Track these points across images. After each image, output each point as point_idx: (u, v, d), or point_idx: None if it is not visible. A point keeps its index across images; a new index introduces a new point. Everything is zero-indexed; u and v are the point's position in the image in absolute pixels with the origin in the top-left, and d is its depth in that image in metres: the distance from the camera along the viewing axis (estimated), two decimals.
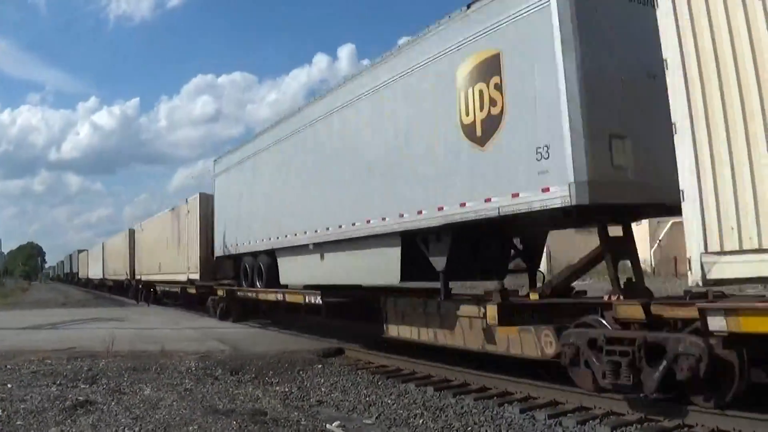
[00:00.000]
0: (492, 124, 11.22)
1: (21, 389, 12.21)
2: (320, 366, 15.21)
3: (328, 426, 9.92)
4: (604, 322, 10.15)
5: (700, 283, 7.95)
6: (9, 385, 12.50)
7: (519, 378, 12.01)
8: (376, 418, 10.67)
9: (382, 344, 16.45)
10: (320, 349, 17.24)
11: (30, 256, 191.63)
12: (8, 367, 14.32)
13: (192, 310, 32.90)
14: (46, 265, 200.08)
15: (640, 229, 52.86)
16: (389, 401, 11.74)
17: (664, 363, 8.91)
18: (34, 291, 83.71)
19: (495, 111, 11.17)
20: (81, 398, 11.38)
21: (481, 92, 11.46)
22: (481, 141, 11.48)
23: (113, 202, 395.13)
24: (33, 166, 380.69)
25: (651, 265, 50.75)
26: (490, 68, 11.26)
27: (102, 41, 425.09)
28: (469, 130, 11.77)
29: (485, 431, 9.61)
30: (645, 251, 51.34)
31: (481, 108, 11.46)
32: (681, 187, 8.13)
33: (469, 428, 9.77)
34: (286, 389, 12.93)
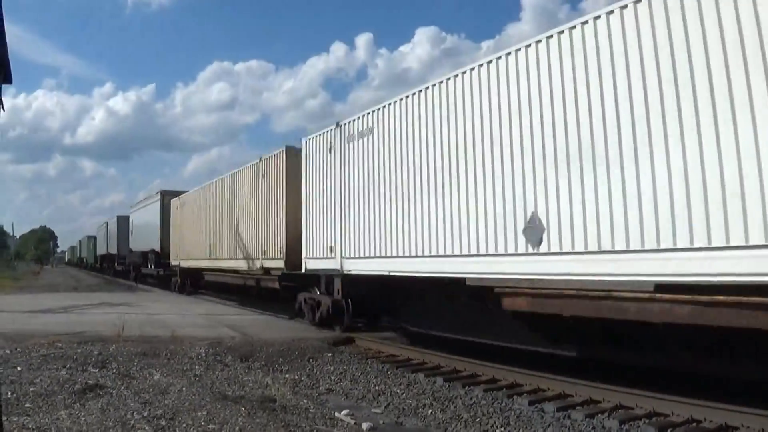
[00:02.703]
0: None
1: (31, 372, 12.23)
2: (330, 354, 15.25)
3: (336, 414, 9.92)
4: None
5: None
6: (19, 368, 12.53)
7: (528, 370, 12.00)
8: (385, 407, 10.68)
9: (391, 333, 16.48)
10: (330, 337, 17.27)
11: (42, 240, 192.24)
12: (18, 350, 14.35)
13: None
14: (58, 250, 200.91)
15: None
16: (398, 391, 11.77)
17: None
18: (46, 275, 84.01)
19: None
20: (90, 382, 11.42)
21: None
22: None
23: (127, 188, 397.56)
24: (47, 151, 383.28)
25: None
26: None
27: (119, 27, 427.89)
28: None
29: (494, 422, 9.58)
30: None
31: None
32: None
33: (478, 419, 9.76)
34: (296, 377, 12.95)
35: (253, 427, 8.92)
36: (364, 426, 9.34)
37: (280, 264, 21.69)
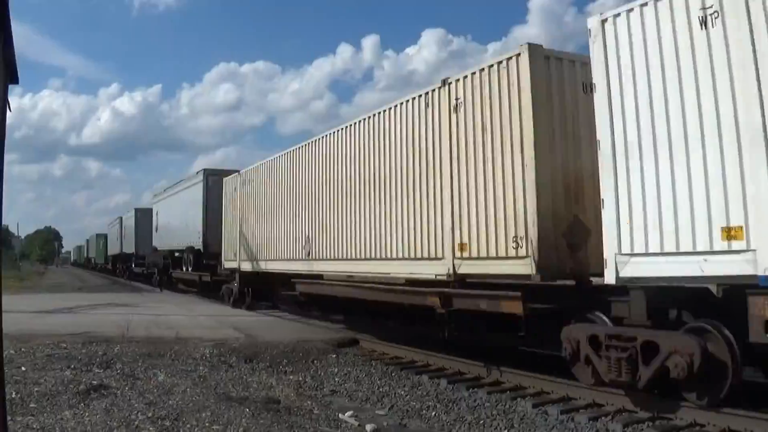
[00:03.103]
0: None
1: (35, 372, 12.26)
2: (334, 356, 15.25)
3: (340, 416, 9.94)
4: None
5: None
6: (23, 368, 12.56)
7: (532, 373, 11.99)
8: (389, 408, 10.70)
9: (396, 336, 16.48)
10: (335, 339, 17.28)
11: (47, 240, 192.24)
12: (23, 350, 14.36)
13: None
14: (63, 250, 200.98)
15: None
16: (402, 392, 11.78)
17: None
18: (51, 275, 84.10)
19: None
20: (95, 382, 11.44)
21: None
22: None
23: (132, 188, 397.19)
24: (52, 151, 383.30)
25: None
26: None
27: (125, 28, 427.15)
28: None
29: (497, 425, 9.58)
30: None
31: None
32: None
33: (482, 421, 9.76)
34: (300, 378, 12.97)
35: (257, 428, 8.94)
36: (368, 427, 9.36)
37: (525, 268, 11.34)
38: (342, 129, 17.96)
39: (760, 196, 7.88)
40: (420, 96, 14.46)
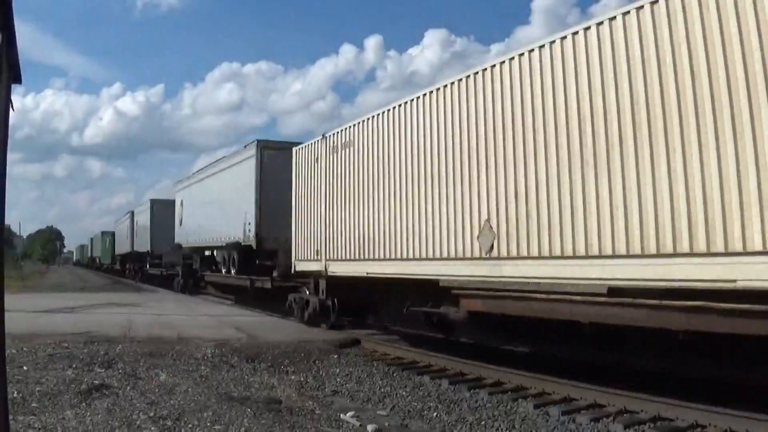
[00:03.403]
0: None
1: (37, 372, 12.25)
2: (336, 356, 15.26)
3: (342, 416, 9.94)
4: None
5: None
6: (25, 368, 12.55)
7: (534, 373, 11.99)
8: (391, 409, 10.71)
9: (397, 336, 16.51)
10: (336, 339, 17.28)
11: (49, 240, 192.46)
12: (25, 349, 14.35)
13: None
14: (65, 250, 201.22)
15: None
16: (404, 393, 11.79)
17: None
18: (52, 274, 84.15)
19: None
20: (97, 382, 11.44)
21: None
22: None
23: (134, 188, 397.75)
24: (55, 151, 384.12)
25: None
26: None
27: (128, 28, 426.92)
28: None
29: (499, 426, 9.59)
30: None
31: None
32: None
33: (483, 422, 9.76)
34: (302, 378, 12.98)
35: (259, 428, 8.94)
36: (370, 428, 9.36)
37: None
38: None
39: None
40: None
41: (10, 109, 4.89)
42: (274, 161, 25.11)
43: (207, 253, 34.78)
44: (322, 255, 19.25)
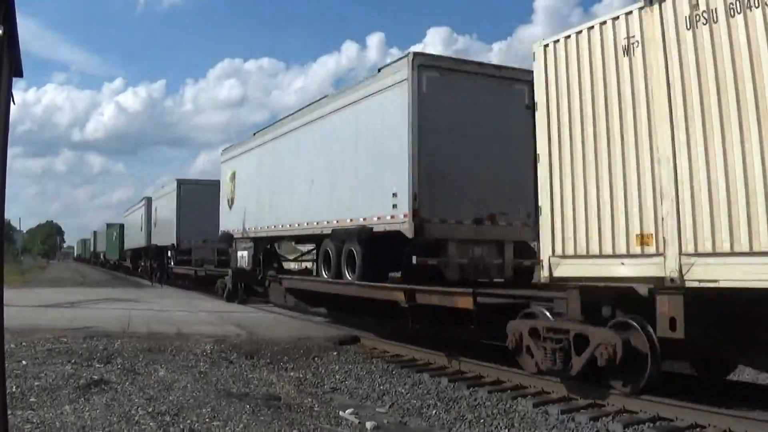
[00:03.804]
0: None
1: (36, 366, 12.25)
2: (335, 353, 15.25)
3: (341, 413, 9.94)
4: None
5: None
6: (24, 362, 12.56)
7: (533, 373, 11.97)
8: (390, 406, 10.71)
9: (397, 334, 16.48)
10: (336, 336, 17.28)
11: (49, 235, 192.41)
12: (24, 344, 14.35)
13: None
14: (65, 245, 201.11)
15: None
16: (403, 390, 11.78)
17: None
18: (52, 270, 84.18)
19: None
20: (95, 377, 11.44)
21: None
22: None
23: (134, 183, 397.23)
24: (56, 146, 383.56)
25: None
26: None
27: (130, 23, 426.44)
28: None
29: (498, 424, 9.58)
30: None
31: None
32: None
33: (482, 420, 9.75)
34: (301, 375, 12.97)
35: (258, 425, 8.94)
36: (369, 425, 9.35)
37: None
38: None
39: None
40: None
41: (11, 103, 4.88)
42: (443, 89, 15.74)
43: (269, 247, 26.38)
44: (669, 242, 9.23)
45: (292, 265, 28.31)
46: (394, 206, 15.71)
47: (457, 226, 15.77)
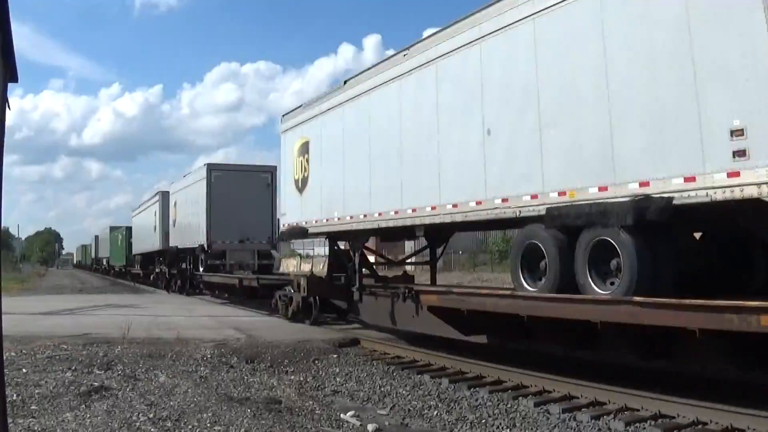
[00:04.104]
0: None
1: (36, 374, 12.25)
2: (335, 356, 15.23)
3: (342, 416, 9.92)
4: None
5: None
6: (24, 370, 12.55)
7: (534, 371, 11.97)
8: (391, 408, 10.69)
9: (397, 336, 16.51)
10: (336, 338, 17.23)
11: (47, 242, 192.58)
12: (24, 351, 14.34)
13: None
14: (63, 251, 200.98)
15: None
16: (404, 392, 11.76)
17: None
18: (51, 276, 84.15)
19: None
20: (96, 384, 11.42)
21: None
22: None
23: (132, 189, 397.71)
24: (53, 152, 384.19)
25: None
26: None
27: (126, 28, 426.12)
28: None
29: (499, 424, 9.56)
30: None
31: None
32: None
33: (483, 421, 9.74)
34: (301, 378, 12.95)
35: (259, 429, 8.93)
36: (370, 427, 9.35)
37: None
38: None
39: None
40: None
41: (7, 108, 4.88)
42: None
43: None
44: None
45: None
46: (739, 154, 8.41)
47: None
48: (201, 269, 34.64)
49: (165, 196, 42.99)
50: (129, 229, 60.83)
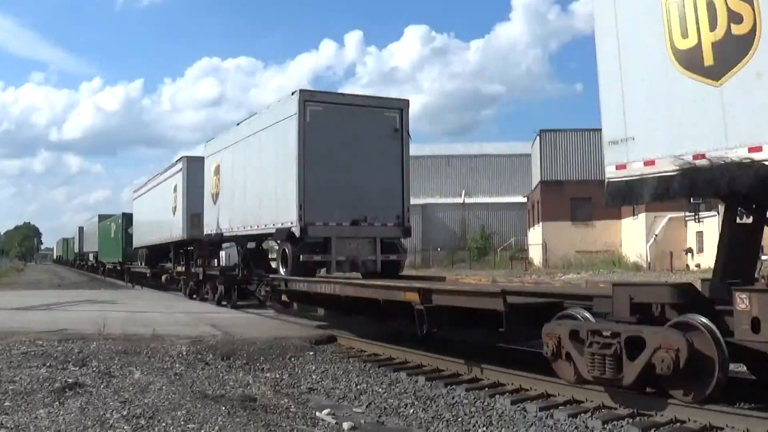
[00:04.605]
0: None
1: (11, 370, 12.15)
2: (312, 353, 15.16)
3: (318, 414, 9.87)
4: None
5: None
6: None
7: (511, 370, 11.95)
8: (367, 406, 10.64)
9: (374, 333, 16.47)
10: (312, 336, 17.20)
11: (26, 237, 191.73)
12: None
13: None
14: (43, 246, 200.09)
15: (637, 224, 53.06)
16: (380, 390, 11.73)
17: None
18: (30, 272, 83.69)
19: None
20: (70, 380, 11.33)
21: None
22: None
23: (112, 185, 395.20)
24: (33, 146, 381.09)
25: (647, 260, 50.70)
26: None
27: (108, 21, 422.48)
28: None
29: (476, 422, 9.52)
30: (641, 246, 51.51)
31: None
32: None
33: (460, 419, 9.69)
34: (277, 376, 12.90)
35: (233, 427, 8.85)
36: (345, 425, 9.28)
37: None
38: None
39: None
40: None
41: None
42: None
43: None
44: None
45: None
46: None
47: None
48: (286, 269, 20.01)
49: (193, 162, 31.96)
50: (127, 217, 50.34)
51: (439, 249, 64.71)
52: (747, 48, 8.21)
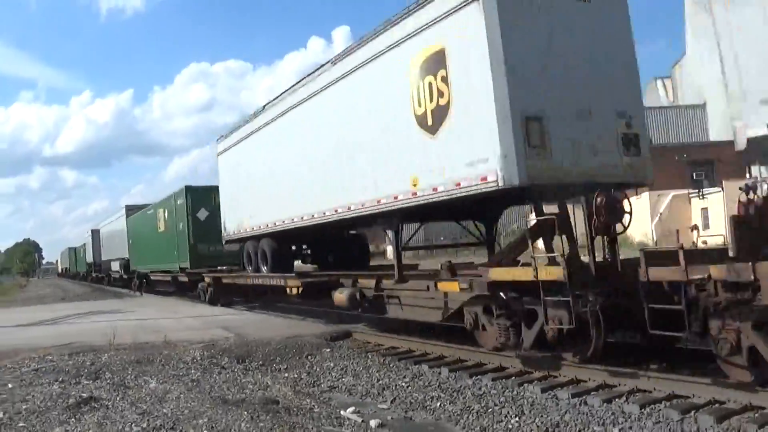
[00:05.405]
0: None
1: (22, 389, 11.84)
2: (328, 350, 14.89)
3: (343, 412, 9.62)
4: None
5: None
6: (10, 385, 12.14)
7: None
8: (392, 402, 10.41)
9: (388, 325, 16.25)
10: (327, 332, 16.94)
11: (27, 252, 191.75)
12: (8, 365, 13.94)
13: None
14: (44, 261, 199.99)
15: (641, 203, 52.78)
16: (403, 384, 11.47)
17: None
18: (33, 287, 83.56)
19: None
20: (85, 395, 11.04)
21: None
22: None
23: (109, 195, 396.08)
24: (28, 163, 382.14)
25: (653, 238, 50.38)
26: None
27: (94, 35, 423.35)
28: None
29: (507, 412, 9.25)
30: (646, 224, 51.21)
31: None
32: None
33: (490, 410, 9.45)
34: (296, 375, 12.66)
35: None
36: (373, 423, 9.04)
37: None
38: None
39: None
40: None
41: None
42: None
43: None
44: None
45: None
46: None
47: None
48: None
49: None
50: (196, 193, 31.48)
51: (442, 239, 64.48)
52: (446, 113, 12.02)
